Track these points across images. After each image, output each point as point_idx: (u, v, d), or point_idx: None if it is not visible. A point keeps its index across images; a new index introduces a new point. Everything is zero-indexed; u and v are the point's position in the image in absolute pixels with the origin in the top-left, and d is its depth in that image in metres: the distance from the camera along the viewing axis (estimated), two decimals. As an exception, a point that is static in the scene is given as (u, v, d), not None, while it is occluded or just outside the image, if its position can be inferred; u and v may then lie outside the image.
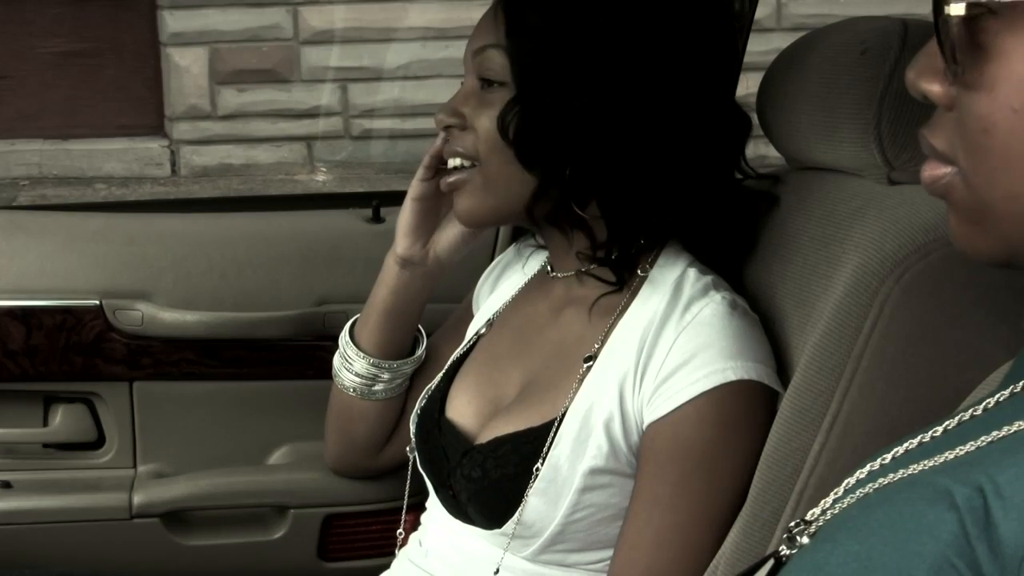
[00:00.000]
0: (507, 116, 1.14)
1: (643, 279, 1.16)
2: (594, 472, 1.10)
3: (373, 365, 1.39)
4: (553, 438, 1.12)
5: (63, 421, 1.76)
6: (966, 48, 0.58)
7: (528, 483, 1.12)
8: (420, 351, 1.42)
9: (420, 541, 1.29)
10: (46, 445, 1.77)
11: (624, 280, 1.16)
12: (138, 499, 1.69)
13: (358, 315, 1.42)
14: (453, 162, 1.21)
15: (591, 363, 1.14)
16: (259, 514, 1.73)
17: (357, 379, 1.40)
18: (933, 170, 0.64)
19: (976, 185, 0.61)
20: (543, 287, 1.28)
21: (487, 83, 1.17)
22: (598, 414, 1.11)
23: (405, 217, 1.34)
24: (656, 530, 1.07)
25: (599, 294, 1.17)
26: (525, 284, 1.32)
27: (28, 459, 1.75)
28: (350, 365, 1.40)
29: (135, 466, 1.76)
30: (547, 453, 1.11)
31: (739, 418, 1.06)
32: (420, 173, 1.32)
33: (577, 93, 1.11)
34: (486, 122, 1.16)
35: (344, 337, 1.41)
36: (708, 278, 1.14)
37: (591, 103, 1.11)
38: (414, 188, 1.33)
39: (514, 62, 1.14)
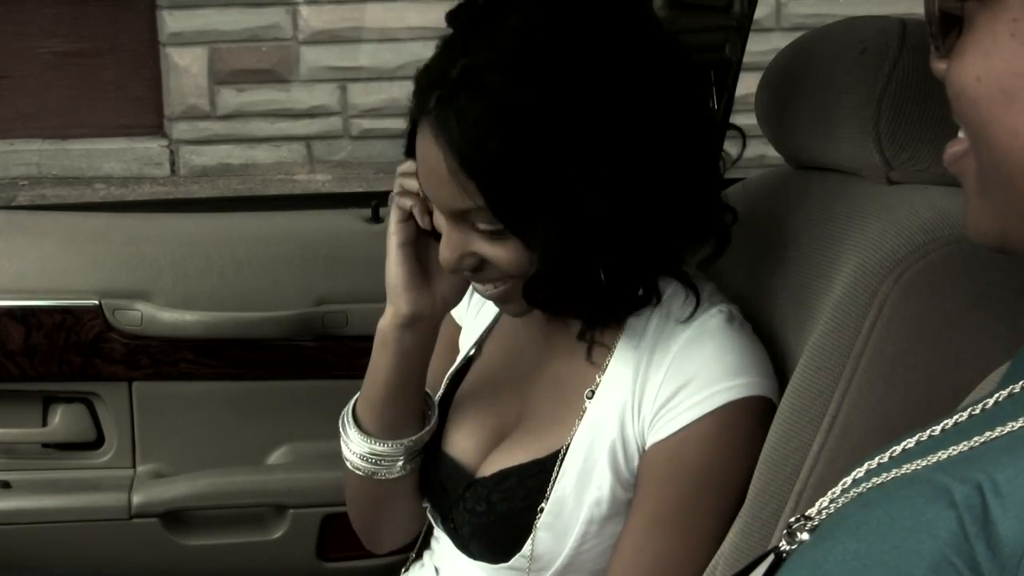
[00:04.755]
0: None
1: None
2: (600, 502, 1.09)
3: (392, 448, 1.21)
4: (558, 471, 1.10)
5: (62, 421, 1.76)
6: (944, 22, 0.64)
7: (535, 517, 1.10)
8: (433, 420, 1.24)
9: (436, 570, 1.26)
10: (45, 445, 1.77)
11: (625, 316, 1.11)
12: (137, 499, 1.69)
13: (355, 398, 1.24)
14: (485, 288, 1.10)
15: (592, 397, 1.11)
16: (258, 514, 1.73)
17: (375, 463, 1.22)
18: (952, 147, 0.68)
19: (973, 152, 0.65)
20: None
21: (483, 225, 1.04)
22: (601, 444, 1.09)
23: (398, 269, 1.16)
24: (658, 549, 1.06)
25: (592, 332, 1.11)
26: None
27: (27, 459, 1.76)
28: (364, 454, 1.22)
29: (134, 466, 1.76)
30: (553, 486, 1.09)
31: (744, 436, 1.05)
32: (396, 215, 1.16)
33: (590, 224, 1.00)
34: (506, 260, 1.04)
35: (349, 427, 1.22)
36: (700, 290, 1.09)
37: (607, 226, 1.00)
38: (399, 233, 1.15)
39: (507, 222, 1.01)
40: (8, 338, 1.69)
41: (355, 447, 1.22)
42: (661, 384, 1.06)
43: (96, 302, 1.71)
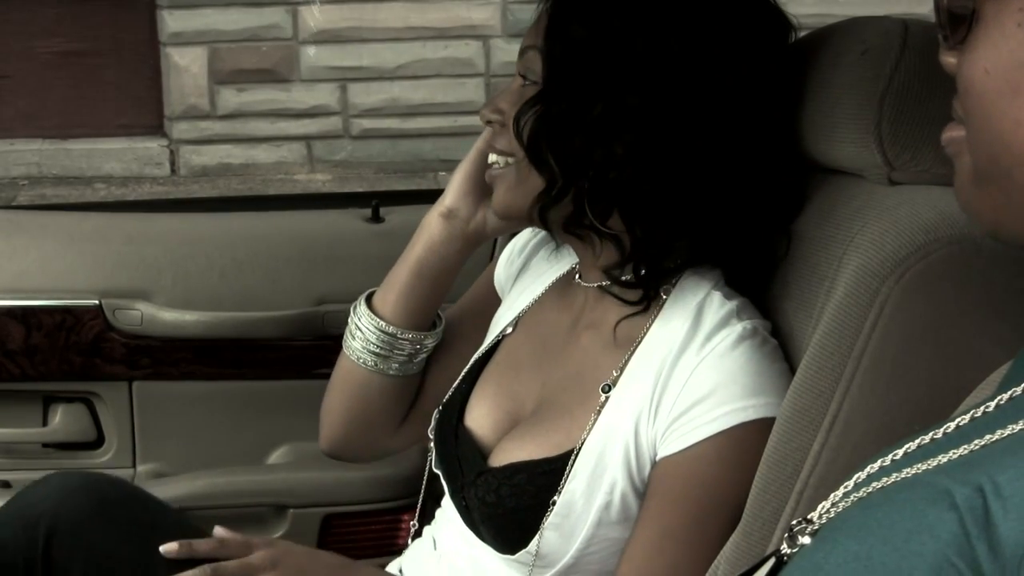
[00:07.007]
0: (524, 115, 1.12)
1: (665, 301, 1.12)
2: (610, 506, 1.09)
3: (392, 335, 1.30)
4: (569, 472, 1.09)
5: (62, 421, 1.76)
6: (954, 15, 0.64)
7: (543, 515, 1.10)
8: (440, 327, 1.34)
9: (434, 540, 1.27)
10: (45, 445, 1.78)
11: (649, 302, 1.12)
12: (137, 499, 1.69)
13: (371, 289, 1.33)
14: (492, 158, 1.20)
15: (609, 392, 1.11)
16: (258, 513, 1.73)
17: (373, 352, 1.31)
18: (949, 131, 0.68)
19: (971, 146, 0.65)
20: (569, 292, 1.23)
21: (527, 81, 1.16)
22: (614, 448, 1.09)
23: (466, 167, 1.27)
24: (669, 562, 1.06)
25: (619, 317, 1.14)
26: (556, 282, 1.27)
27: (27, 459, 1.76)
28: (366, 336, 1.31)
29: (134, 466, 1.76)
30: (562, 487, 1.09)
31: (757, 456, 1.03)
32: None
33: (596, 99, 1.08)
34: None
35: (360, 306, 1.32)
36: (732, 304, 1.10)
37: (612, 112, 1.07)
38: (486, 139, 1.25)
39: (545, 63, 1.12)
40: (8, 338, 1.69)
41: (361, 321, 1.30)
42: (679, 395, 1.06)
43: (96, 302, 1.71)
